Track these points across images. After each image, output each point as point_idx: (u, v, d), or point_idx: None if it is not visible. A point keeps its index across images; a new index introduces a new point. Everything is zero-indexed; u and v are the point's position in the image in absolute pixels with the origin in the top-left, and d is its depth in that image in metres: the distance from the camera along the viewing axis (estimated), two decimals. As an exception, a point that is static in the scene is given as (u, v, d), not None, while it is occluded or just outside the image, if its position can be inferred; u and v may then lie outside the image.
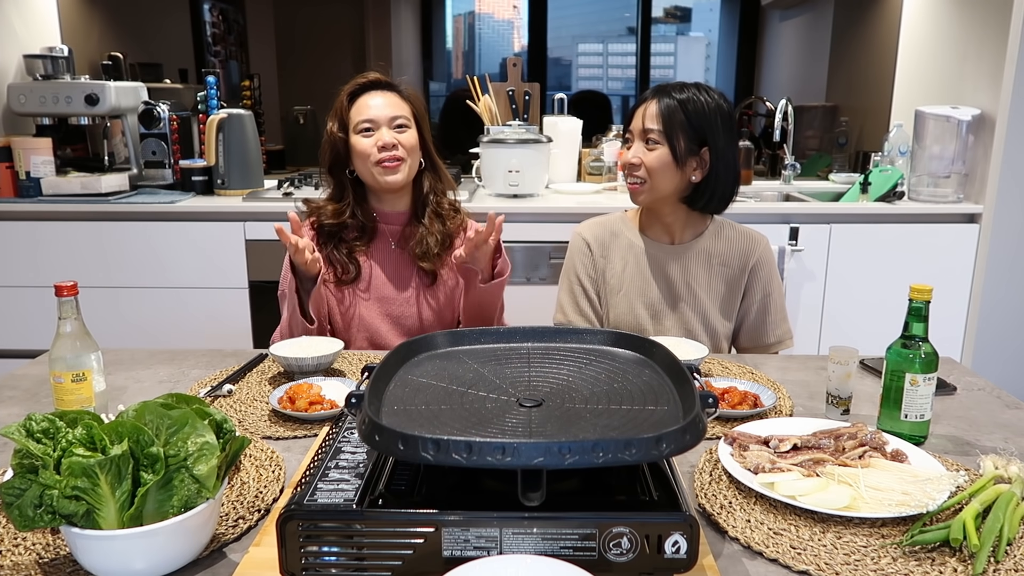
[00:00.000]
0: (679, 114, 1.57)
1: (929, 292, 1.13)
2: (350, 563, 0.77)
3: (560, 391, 0.94)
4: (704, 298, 1.67)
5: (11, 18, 2.84)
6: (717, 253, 1.68)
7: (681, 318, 1.66)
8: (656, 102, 1.58)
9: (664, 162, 1.58)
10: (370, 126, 1.64)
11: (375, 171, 1.65)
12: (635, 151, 1.60)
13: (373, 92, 1.68)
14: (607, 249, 1.72)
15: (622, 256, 1.70)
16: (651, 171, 1.59)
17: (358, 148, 1.64)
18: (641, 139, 1.60)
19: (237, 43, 4.32)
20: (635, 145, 1.61)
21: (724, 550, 0.89)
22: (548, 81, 4.61)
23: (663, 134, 1.57)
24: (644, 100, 1.61)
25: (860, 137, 3.51)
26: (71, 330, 1.16)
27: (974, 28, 2.61)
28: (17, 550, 0.87)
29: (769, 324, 1.70)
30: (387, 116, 1.65)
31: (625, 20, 4.79)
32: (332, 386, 1.32)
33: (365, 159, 1.64)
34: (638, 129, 1.60)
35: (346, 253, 1.71)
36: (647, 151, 1.59)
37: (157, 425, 0.82)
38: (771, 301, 1.69)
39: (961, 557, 0.85)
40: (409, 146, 1.66)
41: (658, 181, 1.60)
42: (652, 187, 1.61)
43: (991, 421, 1.25)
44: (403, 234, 1.74)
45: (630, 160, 1.61)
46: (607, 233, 1.73)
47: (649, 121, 1.58)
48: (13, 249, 2.57)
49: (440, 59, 4.84)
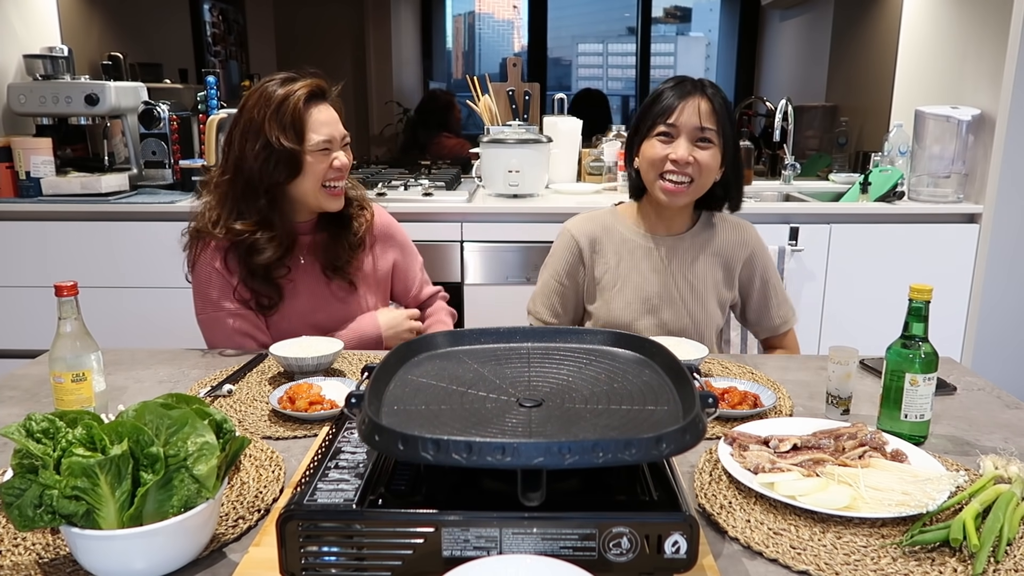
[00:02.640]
0: (726, 113, 1.55)
1: (929, 292, 1.13)
2: (350, 563, 0.77)
3: (560, 391, 0.94)
4: (702, 291, 1.65)
5: (11, 18, 2.84)
6: (711, 244, 1.67)
7: (678, 310, 1.65)
8: (706, 99, 1.52)
9: (717, 161, 1.55)
10: (328, 147, 1.53)
11: (321, 195, 1.55)
12: (685, 148, 1.52)
13: (321, 104, 1.55)
14: (599, 245, 1.68)
15: (615, 251, 1.67)
16: (703, 170, 1.54)
17: (316, 169, 1.52)
18: (690, 137, 1.52)
19: (237, 43, 4.32)
20: (682, 142, 1.52)
21: (724, 550, 0.89)
22: (548, 81, 4.61)
23: (718, 134, 1.53)
24: (686, 94, 1.53)
25: (860, 137, 3.52)
26: (71, 330, 1.16)
27: (974, 28, 2.61)
28: (17, 550, 0.87)
29: (772, 308, 1.70)
30: (341, 134, 1.56)
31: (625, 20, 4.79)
32: (332, 386, 1.31)
33: (317, 180, 1.53)
34: (691, 126, 1.52)
35: (263, 277, 1.57)
36: (699, 149, 1.53)
37: (157, 425, 0.82)
38: (769, 287, 1.70)
39: (961, 557, 0.85)
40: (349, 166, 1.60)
41: (705, 180, 1.56)
42: (698, 187, 1.56)
43: (991, 421, 1.25)
44: (311, 244, 1.64)
45: (683, 157, 1.52)
46: (599, 228, 1.69)
47: (706, 119, 1.52)
48: (13, 249, 2.57)
49: (440, 59, 4.84)
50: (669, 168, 1.54)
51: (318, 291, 1.65)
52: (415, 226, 2.40)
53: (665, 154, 1.53)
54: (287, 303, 1.63)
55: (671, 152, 1.53)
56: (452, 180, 2.91)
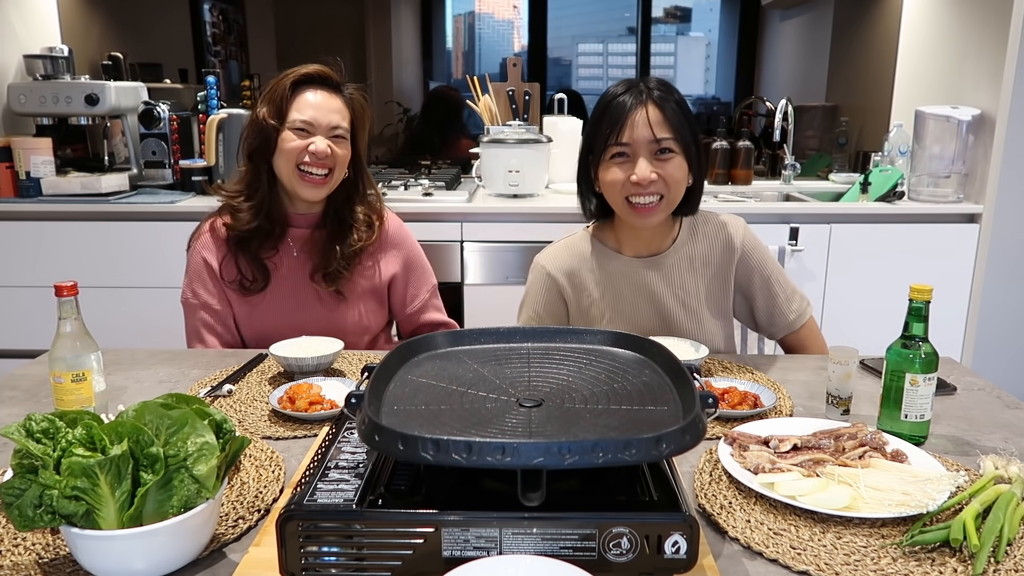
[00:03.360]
0: (682, 116, 1.41)
1: (929, 292, 1.13)
2: (350, 563, 0.77)
3: (560, 391, 0.94)
4: (695, 306, 1.55)
5: (11, 18, 2.84)
6: (698, 254, 1.55)
7: (672, 333, 1.55)
8: (654, 106, 1.40)
9: (683, 171, 1.42)
10: (306, 128, 1.53)
11: (294, 178, 1.55)
12: (646, 167, 1.39)
13: (318, 89, 1.56)
14: (577, 278, 1.55)
15: (596, 282, 1.55)
16: (671, 184, 1.41)
17: (286, 146, 1.53)
18: (648, 152, 1.40)
19: (237, 43, 4.32)
20: (641, 162, 1.39)
21: (724, 550, 0.88)
22: (548, 81, 4.61)
23: (677, 141, 1.41)
24: (632, 106, 1.40)
25: (860, 137, 3.51)
26: (71, 330, 1.16)
27: (974, 28, 2.61)
28: (17, 550, 0.87)
29: (781, 303, 1.58)
30: (327, 123, 1.54)
31: (625, 20, 4.78)
32: (332, 386, 1.31)
33: (290, 160, 1.54)
34: (643, 140, 1.39)
35: (251, 258, 1.60)
36: (661, 162, 1.40)
37: (157, 425, 0.82)
38: (772, 281, 1.57)
39: (961, 557, 0.85)
40: (341, 159, 1.57)
41: (675, 194, 1.44)
42: (669, 202, 1.44)
43: (991, 421, 1.25)
44: (309, 239, 1.64)
45: (645, 177, 1.39)
46: (574, 259, 1.56)
47: (659, 129, 1.39)
48: (13, 249, 2.57)
49: (440, 59, 4.84)
50: (634, 191, 1.41)
51: (303, 289, 1.64)
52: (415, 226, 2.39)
53: (626, 176, 1.41)
54: (271, 295, 1.62)
55: (632, 174, 1.40)
56: (452, 180, 2.91)
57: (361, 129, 1.63)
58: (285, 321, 1.62)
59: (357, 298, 1.67)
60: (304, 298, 1.64)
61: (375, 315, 1.71)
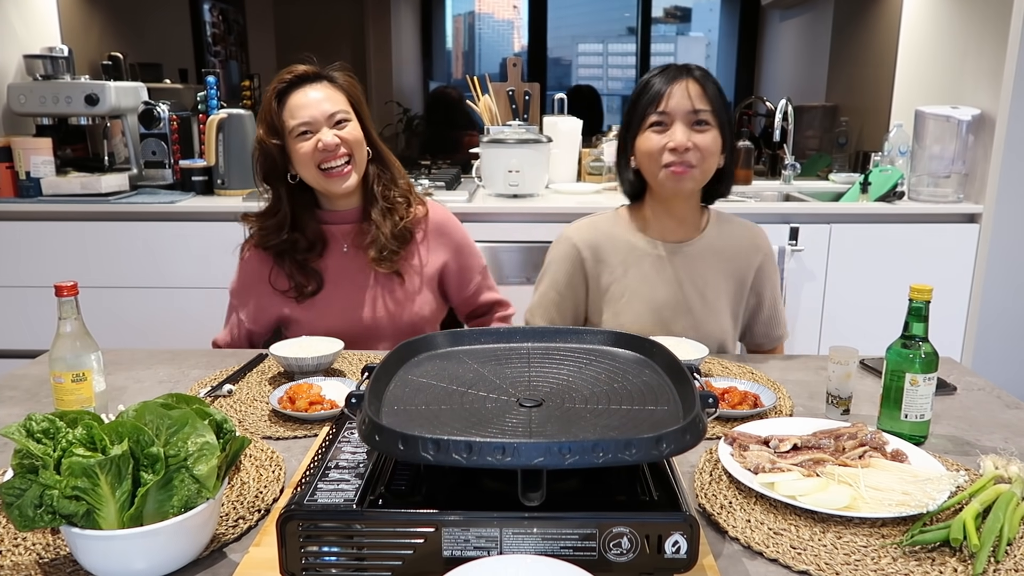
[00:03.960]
0: (720, 96, 1.48)
1: (929, 292, 1.13)
2: (350, 563, 0.77)
3: (560, 391, 0.94)
4: (713, 300, 1.58)
5: (11, 18, 2.84)
6: (722, 249, 1.58)
7: (690, 323, 1.57)
8: (694, 82, 1.46)
9: (717, 145, 1.47)
10: (307, 129, 1.53)
11: (321, 180, 1.55)
12: (683, 133, 1.44)
13: (304, 87, 1.55)
14: (603, 254, 1.59)
15: (622, 260, 1.58)
16: (705, 154, 1.45)
17: (300, 154, 1.53)
18: (686, 121, 1.45)
19: (237, 43, 4.32)
20: (678, 127, 1.44)
21: (724, 550, 0.89)
22: (548, 81, 4.61)
23: (714, 115, 1.46)
24: (673, 79, 1.46)
25: (860, 137, 3.51)
26: (71, 330, 1.16)
27: (974, 28, 2.61)
28: (17, 550, 0.87)
29: (777, 318, 1.66)
30: (324, 114, 1.53)
31: (625, 20, 4.79)
32: (332, 386, 1.31)
33: (308, 165, 1.54)
34: (683, 110, 1.44)
35: (300, 266, 1.61)
36: (697, 133, 1.45)
37: (157, 425, 0.82)
38: (777, 295, 1.65)
39: (961, 557, 0.85)
40: (355, 141, 1.56)
41: (709, 165, 1.48)
42: (703, 172, 1.48)
43: (991, 421, 1.25)
44: (355, 232, 1.64)
45: (681, 143, 1.44)
46: (602, 236, 1.60)
47: (698, 101, 1.44)
48: (13, 249, 2.57)
49: (440, 59, 4.84)
50: (669, 159, 1.46)
51: (361, 282, 1.64)
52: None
53: (663, 144, 1.45)
54: (329, 296, 1.63)
55: (668, 140, 1.45)
56: (452, 180, 2.91)
57: (362, 107, 1.62)
58: (347, 319, 1.63)
59: (414, 289, 1.67)
60: (363, 293, 1.64)
61: (431, 307, 1.70)
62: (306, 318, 1.64)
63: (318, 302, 1.64)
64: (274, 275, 1.64)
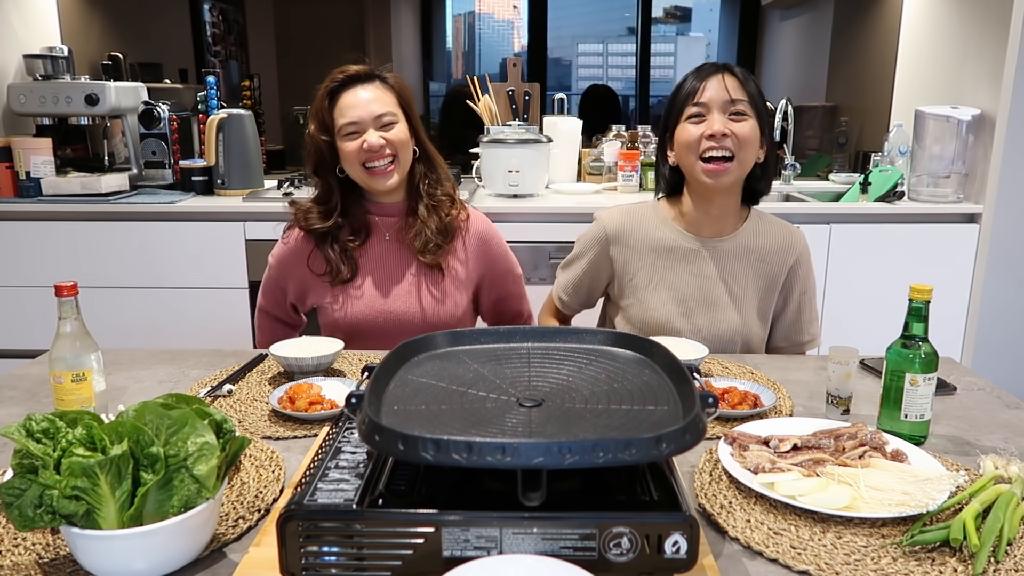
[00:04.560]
0: (758, 90, 1.49)
1: (929, 292, 1.13)
2: (350, 563, 0.77)
3: (560, 391, 0.94)
4: (742, 297, 1.57)
5: (11, 18, 2.84)
6: (756, 248, 1.57)
7: (715, 317, 1.56)
8: (731, 75, 1.46)
9: (756, 134, 1.46)
10: (355, 129, 1.58)
11: (365, 177, 1.61)
12: (720, 121, 1.44)
13: (355, 87, 1.59)
14: (632, 240, 1.59)
15: (651, 248, 1.58)
16: (743, 143, 1.45)
17: (345, 153, 1.59)
18: (723, 111, 1.45)
19: (237, 43, 4.32)
20: (715, 116, 1.45)
21: (724, 550, 0.89)
22: (548, 81, 4.61)
23: (751, 105, 1.46)
24: (710, 74, 1.47)
25: (860, 137, 3.51)
26: (71, 330, 1.16)
27: (974, 28, 2.61)
28: (17, 550, 0.87)
29: (804, 322, 1.63)
30: (372, 115, 1.57)
31: (625, 20, 4.79)
32: (332, 386, 1.31)
33: (354, 164, 1.60)
34: (720, 100, 1.45)
35: (340, 252, 1.66)
36: (734, 122, 1.45)
37: (157, 425, 0.82)
38: (807, 299, 1.62)
39: (961, 557, 0.85)
40: (399, 142, 1.60)
41: (747, 155, 1.47)
42: (740, 163, 1.47)
43: (991, 421, 1.25)
44: (399, 226, 1.69)
45: (719, 130, 1.43)
46: (634, 223, 1.60)
47: (735, 91, 1.45)
48: (13, 249, 2.57)
49: (440, 59, 4.83)
50: (707, 146, 1.45)
51: (399, 274, 1.67)
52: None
53: (700, 132, 1.45)
54: (364, 284, 1.67)
55: (705, 128, 1.45)
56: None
57: (411, 107, 1.66)
58: (380, 309, 1.66)
59: (452, 288, 1.69)
60: (399, 285, 1.67)
61: (464, 309, 1.72)
62: (339, 304, 1.67)
63: (354, 290, 1.67)
64: (313, 258, 1.67)
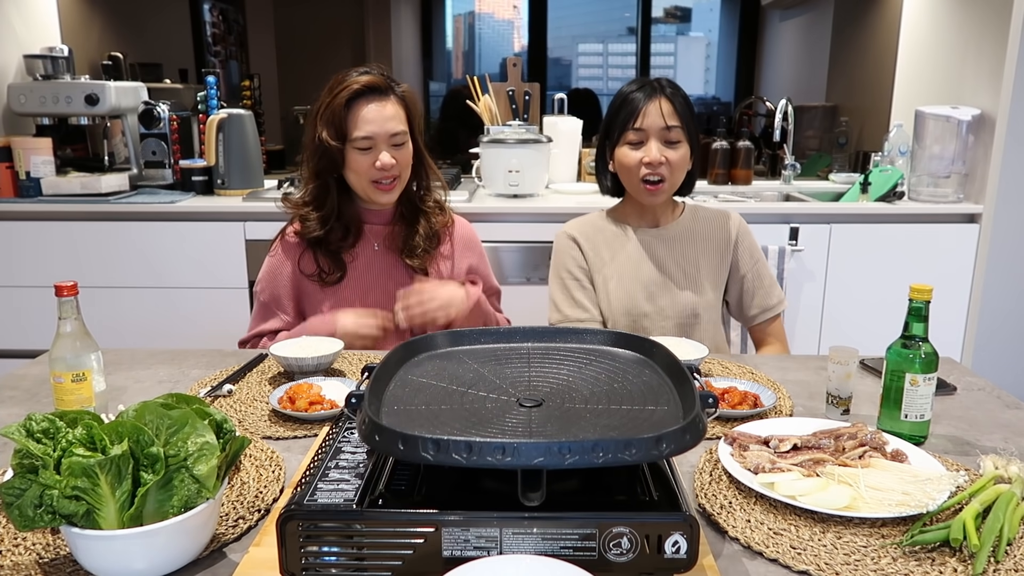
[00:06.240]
0: (688, 110, 1.64)
1: (929, 292, 1.13)
2: (350, 563, 0.77)
3: (560, 391, 0.94)
4: (694, 275, 1.72)
5: (11, 18, 2.84)
6: (699, 231, 1.74)
7: (677, 296, 1.70)
8: (666, 100, 1.61)
9: (686, 159, 1.65)
10: (369, 144, 1.57)
11: (369, 189, 1.62)
12: (656, 150, 1.61)
13: (371, 98, 1.58)
14: (594, 243, 1.75)
15: (608, 247, 1.74)
16: (675, 168, 1.63)
17: (355, 165, 1.59)
18: (659, 138, 1.62)
19: (237, 43, 4.32)
20: (652, 144, 1.62)
21: (724, 550, 0.89)
22: (548, 81, 4.61)
23: (683, 130, 1.62)
24: (648, 97, 1.62)
25: (860, 137, 3.52)
26: (71, 330, 1.16)
27: (974, 28, 2.61)
28: (17, 550, 0.87)
29: (767, 287, 1.75)
30: (388, 132, 1.58)
31: (625, 20, 4.79)
32: (332, 386, 1.32)
33: (361, 176, 1.60)
34: (656, 127, 1.61)
35: (331, 253, 1.66)
36: (669, 149, 1.62)
37: (157, 425, 0.82)
38: (761, 266, 1.75)
39: (961, 557, 0.85)
40: (405, 163, 1.62)
41: (677, 178, 1.66)
42: (672, 184, 1.66)
43: (991, 421, 1.25)
44: (388, 234, 1.70)
45: (655, 159, 1.61)
46: (592, 228, 1.77)
47: (670, 119, 1.61)
48: (13, 249, 2.57)
49: (440, 59, 4.84)
50: (645, 172, 1.63)
51: (387, 280, 1.68)
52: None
53: (639, 158, 1.63)
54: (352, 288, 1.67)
55: (644, 156, 1.62)
56: (452, 180, 2.91)
57: (417, 122, 1.67)
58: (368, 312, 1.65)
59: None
60: (388, 291, 1.67)
61: None
62: (328, 309, 1.67)
63: (342, 294, 1.67)
64: (304, 259, 1.68)
